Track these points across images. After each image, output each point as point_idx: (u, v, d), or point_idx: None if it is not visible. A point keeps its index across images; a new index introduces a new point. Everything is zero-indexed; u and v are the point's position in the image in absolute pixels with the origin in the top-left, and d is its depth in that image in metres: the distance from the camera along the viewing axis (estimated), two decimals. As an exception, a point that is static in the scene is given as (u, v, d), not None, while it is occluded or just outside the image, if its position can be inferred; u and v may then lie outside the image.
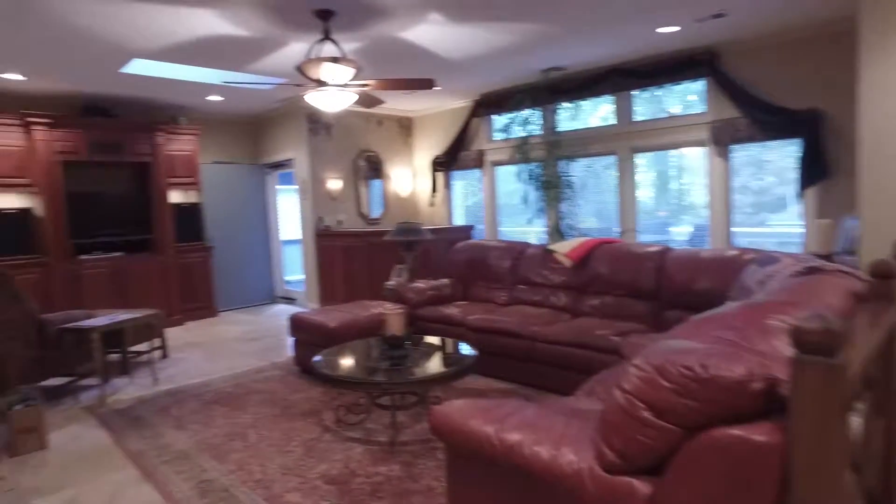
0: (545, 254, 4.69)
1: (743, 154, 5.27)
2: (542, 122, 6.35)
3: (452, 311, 4.54)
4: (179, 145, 7.02)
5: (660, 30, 4.71)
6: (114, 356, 4.81)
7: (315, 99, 4.17)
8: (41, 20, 3.98)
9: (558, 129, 6.30)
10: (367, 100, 4.66)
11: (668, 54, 5.41)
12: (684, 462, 1.29)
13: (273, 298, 8.29)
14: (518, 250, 4.95)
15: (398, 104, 7.70)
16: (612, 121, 6.06)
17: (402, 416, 3.56)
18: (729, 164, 5.30)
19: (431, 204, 8.07)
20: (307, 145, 7.22)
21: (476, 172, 7.68)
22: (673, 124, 5.58)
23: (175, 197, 7.14)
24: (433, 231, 5.72)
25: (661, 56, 5.45)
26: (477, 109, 7.28)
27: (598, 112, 6.39)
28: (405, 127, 8.31)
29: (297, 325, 4.53)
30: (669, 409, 1.29)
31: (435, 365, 3.40)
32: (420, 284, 4.97)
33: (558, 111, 6.30)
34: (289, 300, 8.17)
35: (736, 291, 2.78)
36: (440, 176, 8.01)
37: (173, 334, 6.36)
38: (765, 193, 5.31)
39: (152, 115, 6.93)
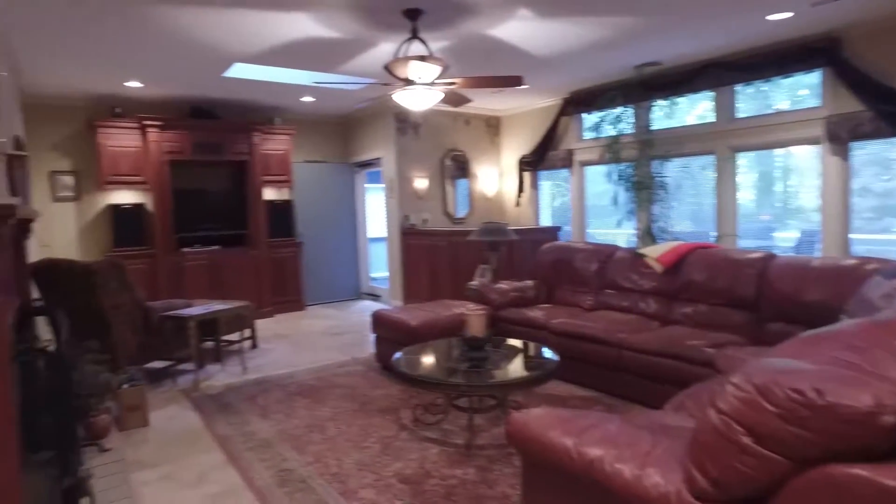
0: (635, 258, 4.46)
1: (864, 152, 4.75)
2: (634, 120, 6.07)
3: (535, 314, 4.42)
4: (274, 145, 7.32)
5: (770, 17, 4.33)
6: (209, 344, 5.07)
7: (402, 98, 4.19)
8: (156, 32, 4.29)
9: (652, 128, 6.00)
10: (454, 98, 4.63)
11: (777, 44, 4.98)
12: (791, 499, 1.13)
13: (358, 294, 8.48)
14: (606, 253, 4.74)
15: (486, 103, 7.63)
16: (711, 118, 5.69)
17: (480, 419, 3.49)
18: (848, 162, 4.79)
19: (517, 204, 7.95)
20: (395, 144, 7.32)
21: (564, 172, 7.47)
22: (780, 121, 5.14)
23: (269, 194, 7.47)
24: (518, 232, 5.61)
25: (769, 46, 5.02)
26: (566, 108, 7.08)
27: (694, 109, 6.02)
28: (493, 126, 8.23)
29: (379, 323, 4.58)
30: (773, 436, 1.14)
31: (515, 369, 3.31)
32: (503, 286, 4.88)
33: (652, 109, 5.99)
34: (374, 297, 8.33)
35: (855, 306, 2.49)
36: (527, 176, 7.87)
37: (263, 325, 6.64)
38: (891, 196, 4.77)
39: (250, 116, 7.27)
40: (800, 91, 5.20)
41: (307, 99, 6.95)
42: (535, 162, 7.63)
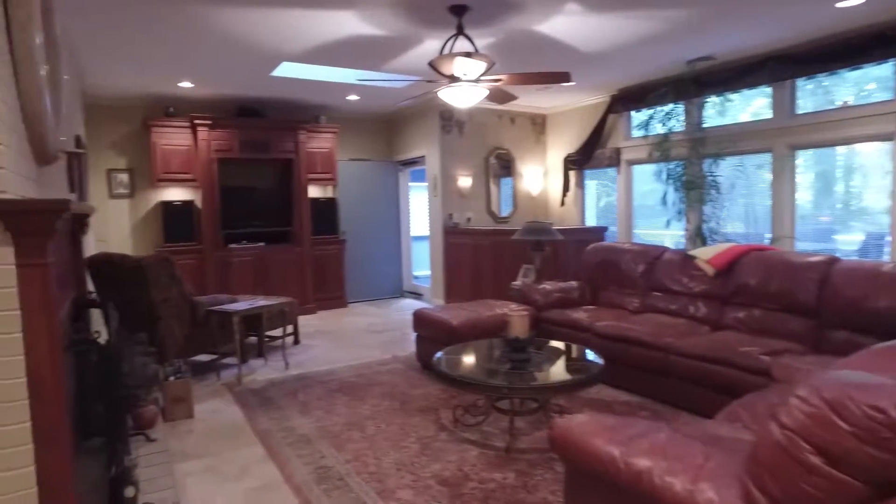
0: (684, 259, 4.29)
1: (937, 151, 4.45)
2: (685, 117, 5.86)
3: (580, 315, 4.31)
4: (319, 143, 7.40)
5: (840, 4, 4.08)
6: (252, 339, 5.15)
7: (448, 95, 4.15)
8: (209, 32, 4.38)
9: (704, 125, 5.78)
10: (499, 95, 4.55)
11: (846, 33, 4.67)
12: (866, 526, 1.02)
13: (401, 293, 8.50)
14: (654, 255, 4.58)
15: (531, 101, 7.52)
16: (768, 114, 5.43)
17: (521, 421, 3.41)
18: (918, 162, 4.49)
19: (562, 204, 7.81)
20: (439, 142, 7.29)
21: (610, 172, 7.30)
22: (846, 116, 4.84)
23: (313, 192, 7.56)
24: (563, 232, 5.49)
25: (836, 36, 4.72)
26: (613, 105, 6.90)
27: (750, 106, 5.77)
28: (538, 124, 8.11)
29: (420, 321, 4.55)
30: (847, 457, 1.03)
31: (559, 371, 3.22)
32: (547, 286, 4.78)
33: (705, 105, 5.77)
34: (416, 295, 8.33)
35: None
36: (573, 175, 7.72)
37: (306, 321, 6.71)
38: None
39: (296, 115, 7.37)
40: (867, 85, 4.91)
41: (352, 97, 6.99)
42: (581, 160, 7.47)
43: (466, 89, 4.03)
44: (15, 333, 1.75)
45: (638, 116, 6.82)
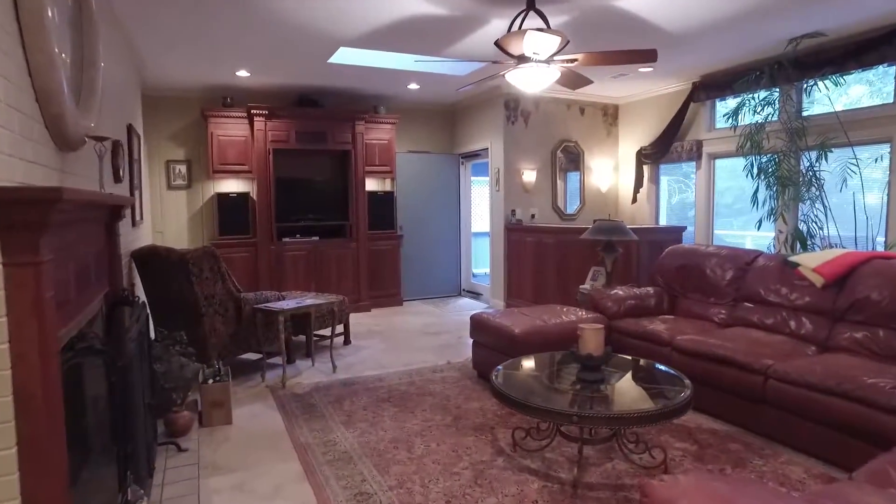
0: (784, 267, 3.70)
1: None
2: (781, 104, 5.19)
3: (657, 326, 3.80)
4: (377, 134, 7.12)
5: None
6: (301, 338, 4.91)
7: (516, 77, 3.73)
8: (265, 19, 4.18)
9: (804, 114, 5.09)
10: (572, 79, 4.09)
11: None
12: None
13: (459, 292, 8.13)
14: (745, 260, 4.01)
15: (603, 90, 6.97)
16: (888, 99, 4.70)
17: (591, 449, 2.97)
18: None
19: (634, 200, 7.22)
20: (503, 134, 6.86)
21: (686, 167, 6.66)
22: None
23: (371, 185, 7.29)
24: (636, 231, 4.96)
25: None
26: (695, 93, 6.27)
27: (863, 90, 5.03)
28: (609, 115, 7.54)
29: (478, 327, 4.16)
30: None
31: (638, 398, 2.75)
32: (619, 292, 4.28)
33: (806, 90, 5.08)
34: (474, 295, 7.94)
35: None
36: (646, 169, 7.12)
37: (358, 319, 6.46)
38: None
39: (354, 105, 7.11)
40: None
41: (412, 86, 6.67)
42: (657, 154, 6.87)
43: (537, 70, 3.60)
44: (-1, 344, 1.48)
45: (722, 106, 6.18)
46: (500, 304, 7.07)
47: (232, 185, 6.83)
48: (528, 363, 3.18)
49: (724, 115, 5.32)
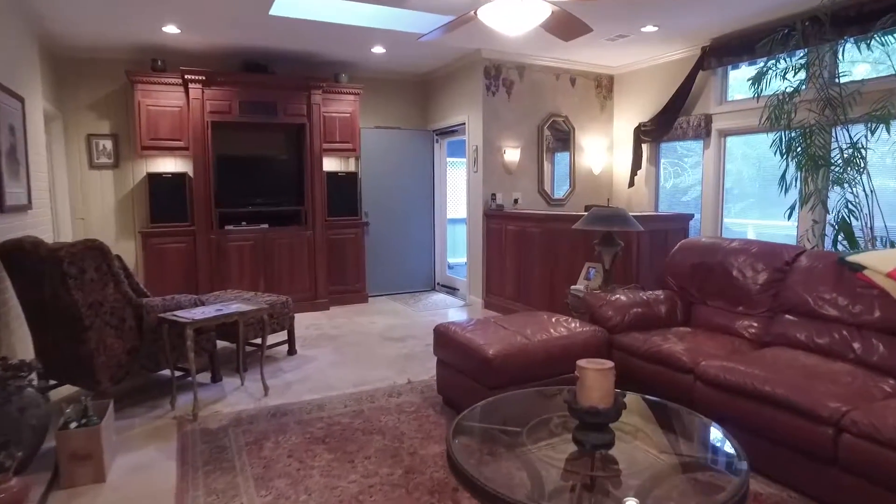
0: (840, 268, 2.85)
1: None
2: (811, 70, 4.30)
3: (674, 346, 2.92)
4: (338, 106, 6.16)
5: None
6: (234, 347, 4.00)
7: (490, 14, 2.82)
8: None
9: (842, 80, 4.22)
10: (564, 22, 3.17)
11: None
12: None
13: (433, 286, 7.23)
14: (784, 259, 3.15)
15: (597, 57, 6.07)
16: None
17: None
18: None
19: (631, 184, 6.35)
20: (482, 106, 5.93)
21: (684, 146, 5.81)
22: None
23: (330, 165, 6.36)
24: (637, 220, 4.09)
25: None
26: (705, 59, 5.39)
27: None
28: (603, 87, 6.64)
29: (444, 343, 3.27)
30: None
31: (671, 484, 1.85)
32: (622, 297, 3.40)
33: (844, 52, 4.21)
34: (450, 290, 7.05)
35: None
36: (645, 149, 6.25)
37: (313, 320, 5.57)
38: None
39: (311, 72, 6.14)
40: None
41: (377, 50, 5.71)
42: (658, 131, 5.99)
43: (518, 4, 2.68)
44: None
45: (737, 74, 5.32)
46: (478, 301, 6.20)
47: (168, 165, 5.86)
48: (503, 413, 2.28)
49: (748, 80, 4.40)
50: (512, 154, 6.06)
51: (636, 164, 6.29)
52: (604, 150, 6.65)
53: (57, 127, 5.44)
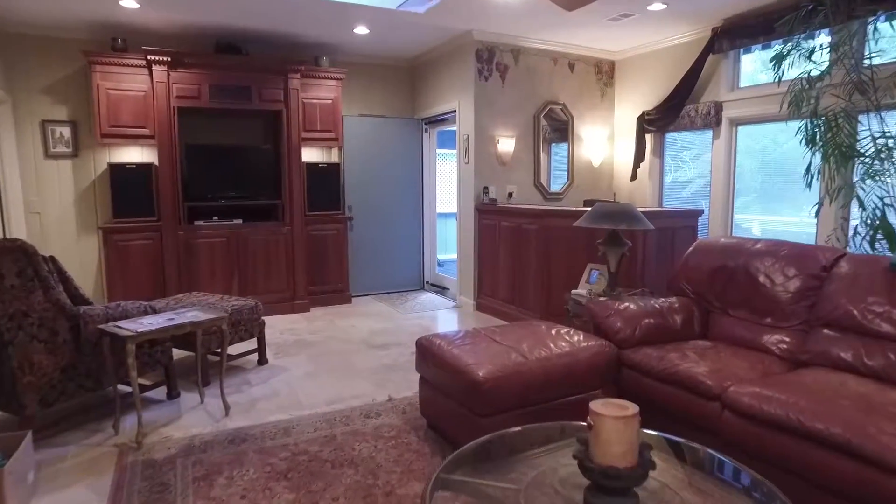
0: (890, 274, 2.43)
1: None
2: (839, 50, 3.87)
3: (696, 367, 2.49)
4: (318, 92, 5.70)
5: None
6: (216, 357, 3.56)
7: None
8: None
9: (872, 61, 3.80)
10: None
11: None
12: None
13: (421, 285, 6.80)
14: (820, 262, 2.73)
15: (597, 40, 5.64)
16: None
17: None
18: None
19: (634, 177, 5.92)
20: (473, 93, 5.48)
21: (683, 137, 5.40)
22: None
23: (310, 155, 5.91)
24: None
25: None
26: (716, 42, 4.97)
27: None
28: (604, 73, 6.20)
29: (427, 359, 2.84)
30: None
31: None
32: (631, 306, 2.98)
33: (877, 29, 3.79)
34: (440, 289, 6.62)
35: None
36: (649, 139, 5.83)
37: (291, 323, 5.13)
38: None
39: (290, 54, 5.67)
40: None
41: (361, 30, 5.25)
42: (663, 120, 5.57)
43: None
44: None
45: (750, 59, 4.90)
46: (470, 302, 5.77)
47: (133, 154, 5.38)
48: (496, 452, 1.86)
49: (770, 61, 3.96)
50: (506, 144, 5.62)
51: (639, 156, 5.86)
52: (604, 141, 6.23)
53: (6, 112, 4.95)
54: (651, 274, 4.15)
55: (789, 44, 3.92)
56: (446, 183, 7.26)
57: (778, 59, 3.92)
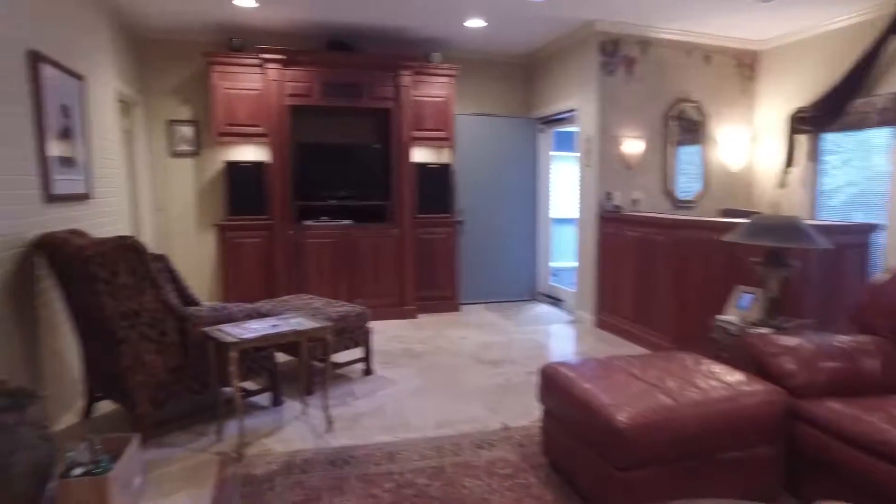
0: None
1: None
2: None
3: (901, 425, 1.94)
4: (430, 89, 5.48)
5: None
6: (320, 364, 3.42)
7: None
8: None
9: None
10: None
11: None
12: None
13: (533, 295, 6.40)
14: None
15: (738, 28, 5.00)
16: None
17: None
18: None
19: (783, 184, 5.19)
20: (597, 89, 5.02)
21: (841, 139, 4.60)
22: None
23: (420, 155, 5.70)
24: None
25: None
26: (898, 24, 4.19)
27: None
28: (745, 65, 5.50)
29: (553, 391, 2.46)
30: None
31: None
32: (805, 343, 2.43)
33: None
34: (554, 301, 6.18)
35: None
36: (802, 141, 5.08)
37: (399, 330, 4.95)
38: None
39: (401, 50, 5.49)
40: None
41: (475, 23, 4.96)
42: (824, 118, 4.81)
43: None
44: None
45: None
46: (588, 318, 5.30)
47: (248, 152, 5.44)
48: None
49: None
50: (631, 145, 5.10)
51: (789, 159, 5.12)
52: (745, 142, 5.52)
53: (138, 113, 5.15)
54: (813, 302, 3.50)
55: None
56: (563, 186, 6.80)
57: None
